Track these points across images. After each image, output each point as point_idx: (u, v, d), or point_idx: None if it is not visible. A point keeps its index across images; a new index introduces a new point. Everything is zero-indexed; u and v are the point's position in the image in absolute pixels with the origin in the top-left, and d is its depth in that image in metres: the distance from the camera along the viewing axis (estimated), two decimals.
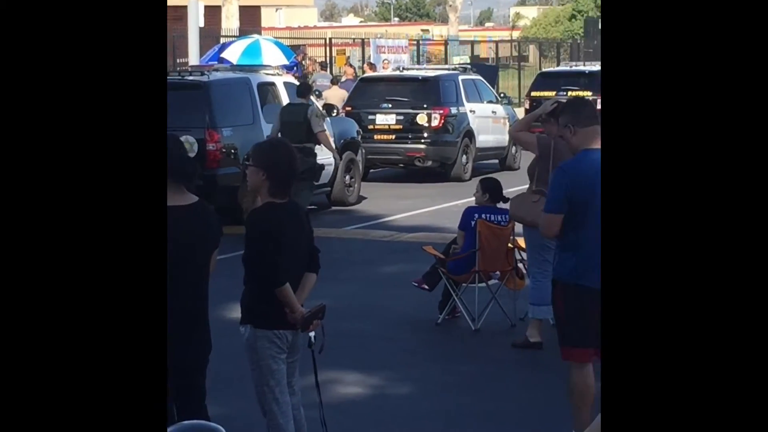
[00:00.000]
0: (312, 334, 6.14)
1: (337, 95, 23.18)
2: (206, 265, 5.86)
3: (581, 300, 6.74)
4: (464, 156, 21.82)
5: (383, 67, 30.38)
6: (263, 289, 6.04)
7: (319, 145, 15.31)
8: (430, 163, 21.36)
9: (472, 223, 10.15)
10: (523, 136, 9.55)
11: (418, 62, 37.78)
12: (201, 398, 5.96)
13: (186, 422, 3.97)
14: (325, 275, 6.70)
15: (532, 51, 61.62)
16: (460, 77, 22.83)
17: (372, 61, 32.78)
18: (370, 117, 21.28)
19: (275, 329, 6.10)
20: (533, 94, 27.41)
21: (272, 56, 23.80)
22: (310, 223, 6.37)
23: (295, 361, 6.34)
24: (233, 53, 23.54)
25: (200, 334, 5.88)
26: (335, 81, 26.96)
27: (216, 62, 22.30)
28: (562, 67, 33.45)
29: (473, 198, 10.69)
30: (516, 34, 70.07)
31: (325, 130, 15.42)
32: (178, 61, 28.51)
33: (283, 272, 6.01)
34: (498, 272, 10.31)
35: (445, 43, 44.58)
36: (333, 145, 16.19)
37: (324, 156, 17.41)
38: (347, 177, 18.15)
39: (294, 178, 6.20)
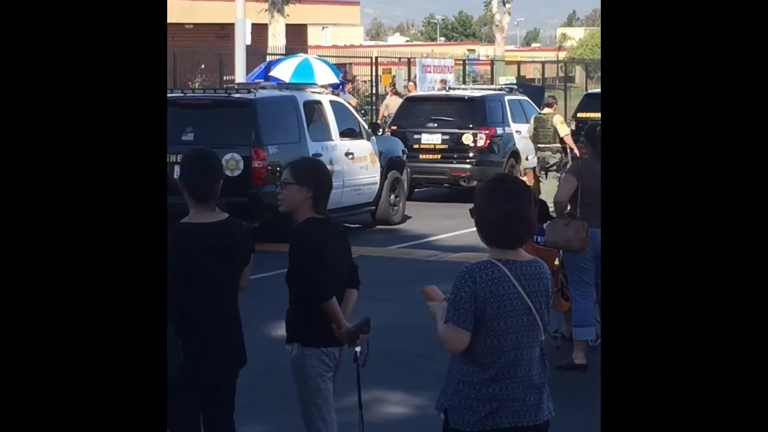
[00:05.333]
0: (358, 348, 6.03)
1: (397, 103, 24.17)
2: (232, 281, 5.84)
3: None
4: None
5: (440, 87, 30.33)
6: (310, 306, 5.97)
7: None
8: (475, 183, 21.28)
9: None
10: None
11: (464, 82, 37.77)
12: (228, 411, 5.93)
13: None
14: (367, 294, 6.68)
15: (579, 72, 61.49)
16: (507, 97, 22.80)
17: (416, 80, 32.81)
18: (416, 136, 21.29)
19: (324, 347, 6.01)
20: (579, 115, 27.33)
21: (323, 75, 23.84)
22: (347, 239, 6.34)
23: (335, 378, 6.29)
24: (284, 72, 23.54)
25: (226, 348, 5.86)
26: (394, 90, 27.79)
27: (263, 80, 22.32)
28: None
29: None
30: (562, 55, 69.98)
31: (569, 134, 19.78)
32: (224, 78, 28.66)
33: (329, 286, 5.98)
34: None
35: (492, 63, 44.57)
36: (573, 144, 19.73)
37: (370, 175, 17.40)
38: (392, 196, 18.14)
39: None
